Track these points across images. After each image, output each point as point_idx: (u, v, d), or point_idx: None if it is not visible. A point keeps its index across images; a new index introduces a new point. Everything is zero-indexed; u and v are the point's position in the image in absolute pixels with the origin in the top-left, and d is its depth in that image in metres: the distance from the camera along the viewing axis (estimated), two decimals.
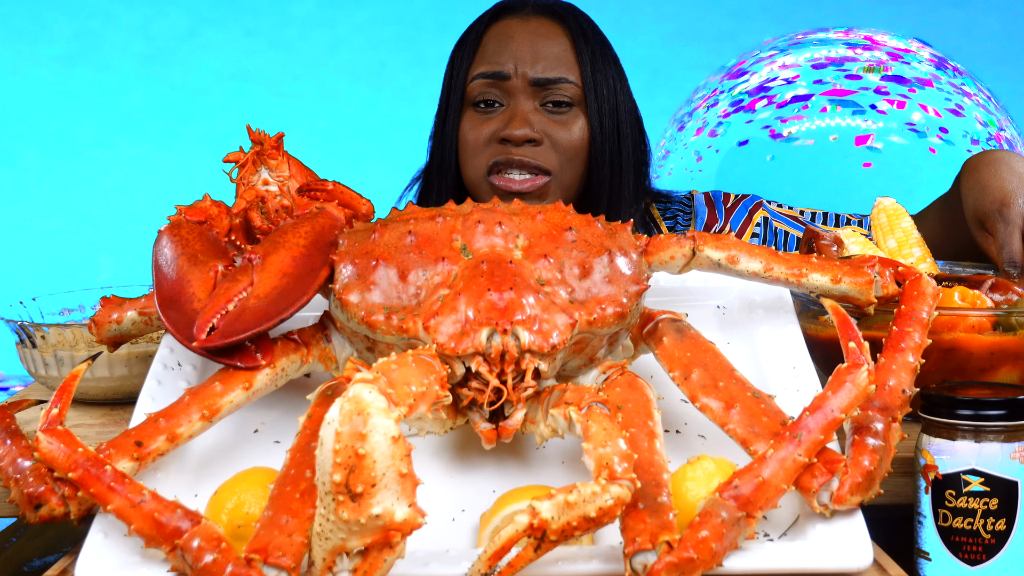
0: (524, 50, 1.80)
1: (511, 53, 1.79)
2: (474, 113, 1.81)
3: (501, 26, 1.84)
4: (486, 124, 1.80)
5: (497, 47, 1.81)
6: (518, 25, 1.83)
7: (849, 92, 2.67)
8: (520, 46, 1.80)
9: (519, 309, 1.05)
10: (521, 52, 1.80)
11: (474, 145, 1.80)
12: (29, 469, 1.05)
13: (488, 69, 1.79)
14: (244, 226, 1.30)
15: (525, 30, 1.83)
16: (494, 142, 1.79)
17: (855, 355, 1.05)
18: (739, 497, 0.97)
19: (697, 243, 1.19)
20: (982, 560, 1.06)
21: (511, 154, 1.77)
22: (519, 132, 1.76)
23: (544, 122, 1.79)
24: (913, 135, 2.64)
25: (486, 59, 1.81)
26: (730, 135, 2.74)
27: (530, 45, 1.80)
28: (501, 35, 1.83)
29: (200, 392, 1.09)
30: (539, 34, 1.82)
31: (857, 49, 2.75)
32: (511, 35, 1.82)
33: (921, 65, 2.72)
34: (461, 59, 1.84)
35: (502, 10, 1.87)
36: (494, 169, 1.79)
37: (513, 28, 1.83)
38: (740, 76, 2.81)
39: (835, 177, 2.68)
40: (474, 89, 1.80)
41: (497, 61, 1.80)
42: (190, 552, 0.93)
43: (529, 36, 1.82)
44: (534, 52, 1.80)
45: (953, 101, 2.67)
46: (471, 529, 1.07)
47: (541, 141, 1.78)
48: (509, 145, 1.77)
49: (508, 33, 1.83)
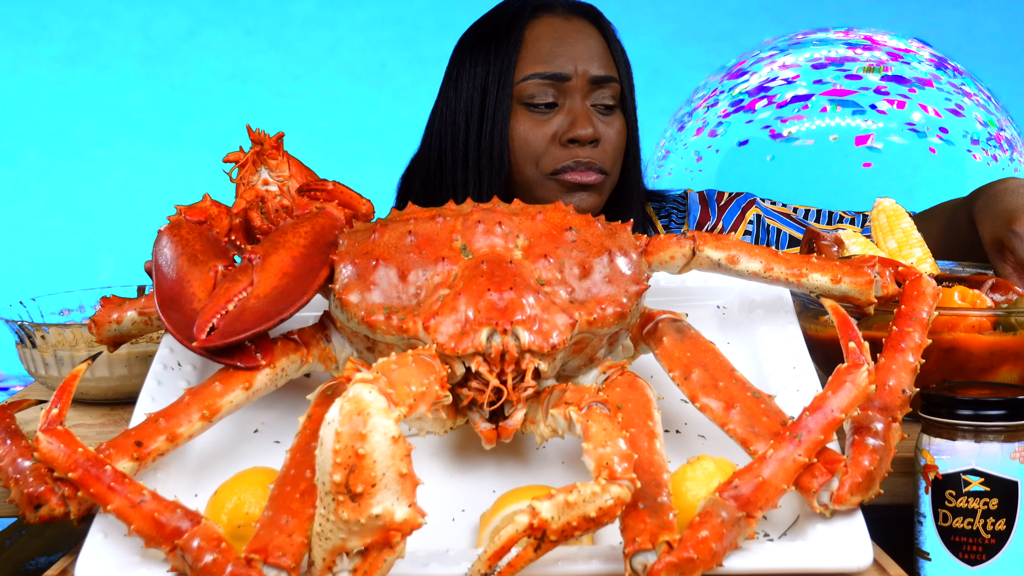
0: (580, 50, 1.79)
1: (568, 53, 1.78)
2: (527, 113, 1.79)
3: (545, 25, 1.82)
4: (543, 125, 1.78)
5: (551, 47, 1.79)
6: (563, 24, 1.82)
7: (849, 92, 2.68)
8: (575, 46, 1.79)
9: (519, 309, 1.05)
10: (577, 52, 1.79)
11: (535, 146, 1.78)
12: (29, 469, 1.05)
13: (547, 70, 1.77)
14: (244, 226, 1.30)
15: (571, 29, 1.81)
16: (555, 145, 1.78)
17: (855, 355, 1.05)
18: (739, 497, 0.97)
19: (697, 243, 1.19)
20: (982, 560, 1.06)
21: (579, 156, 1.77)
22: (586, 132, 1.76)
23: (598, 122, 1.80)
24: (913, 135, 2.64)
25: (541, 59, 1.79)
26: (730, 135, 2.74)
27: (584, 45, 1.80)
28: (551, 34, 1.80)
29: (200, 392, 1.09)
30: (585, 33, 1.81)
31: (857, 49, 2.75)
32: (563, 34, 1.80)
33: (921, 65, 2.72)
34: (499, 56, 1.80)
35: (539, 7, 1.84)
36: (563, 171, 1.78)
37: (560, 27, 1.81)
38: (740, 76, 2.81)
39: (835, 177, 2.68)
40: (528, 89, 1.78)
41: (555, 62, 1.78)
42: (190, 552, 0.93)
43: (579, 36, 1.80)
44: (588, 51, 1.79)
45: (953, 101, 2.67)
46: (471, 529, 1.07)
47: (600, 141, 1.79)
48: (575, 147, 1.77)
49: (559, 32, 1.80)
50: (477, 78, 1.81)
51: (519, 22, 1.82)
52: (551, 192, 1.80)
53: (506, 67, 1.78)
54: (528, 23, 1.82)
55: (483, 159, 1.81)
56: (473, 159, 1.81)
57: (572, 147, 1.77)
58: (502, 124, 1.78)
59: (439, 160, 1.86)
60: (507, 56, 1.79)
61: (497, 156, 1.79)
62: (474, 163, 1.81)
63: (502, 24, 1.83)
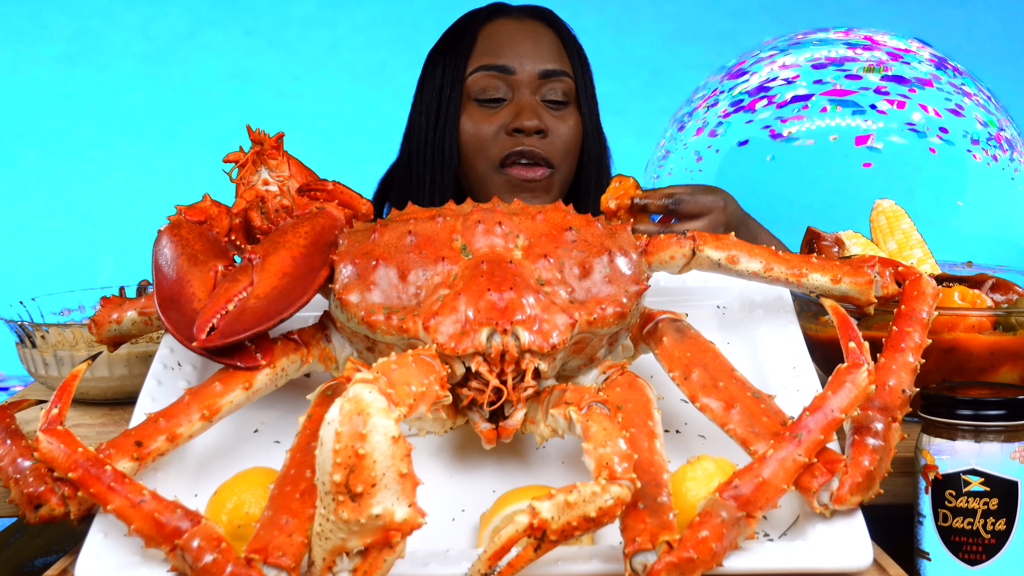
0: (527, 46, 1.86)
1: (514, 49, 1.85)
2: (477, 108, 1.85)
3: (496, 25, 1.90)
4: (492, 118, 1.84)
5: (499, 42, 1.86)
6: (514, 24, 1.90)
7: (849, 92, 2.67)
8: (522, 43, 1.86)
9: (519, 309, 1.05)
10: (524, 48, 1.86)
11: (482, 139, 1.84)
12: (29, 469, 1.05)
13: (492, 62, 1.84)
14: (244, 226, 1.30)
15: (522, 28, 1.89)
16: (502, 135, 1.84)
17: (855, 355, 1.05)
18: (739, 497, 0.97)
19: (697, 243, 1.19)
20: (982, 560, 1.06)
21: (523, 142, 1.82)
22: (531, 123, 1.82)
23: (546, 116, 1.85)
24: (913, 135, 2.64)
25: (488, 53, 1.86)
26: (730, 135, 2.74)
27: (531, 42, 1.87)
28: (500, 32, 1.88)
29: (200, 392, 1.09)
30: (536, 32, 1.89)
31: (857, 49, 2.75)
32: (510, 32, 1.87)
33: (921, 65, 2.72)
34: (454, 57, 1.88)
35: (493, 12, 1.92)
36: (507, 160, 1.83)
37: (510, 27, 1.89)
38: (740, 76, 2.81)
39: (835, 177, 2.67)
40: (476, 83, 1.84)
41: (501, 55, 1.85)
42: (190, 552, 0.93)
43: (528, 34, 1.88)
44: (536, 47, 1.86)
45: (953, 101, 2.67)
46: (471, 529, 1.07)
47: (547, 133, 1.84)
48: (520, 136, 1.83)
49: (507, 31, 1.88)
50: (435, 79, 1.88)
51: (473, 25, 1.90)
52: (500, 188, 1.85)
53: (459, 66, 1.86)
54: (482, 26, 1.90)
55: (435, 155, 1.87)
56: (427, 156, 1.88)
57: (518, 137, 1.83)
58: (453, 119, 1.85)
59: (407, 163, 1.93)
60: (461, 56, 1.87)
61: (449, 151, 1.85)
62: (428, 160, 1.88)
63: (459, 29, 1.92)
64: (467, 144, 1.86)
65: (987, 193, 2.69)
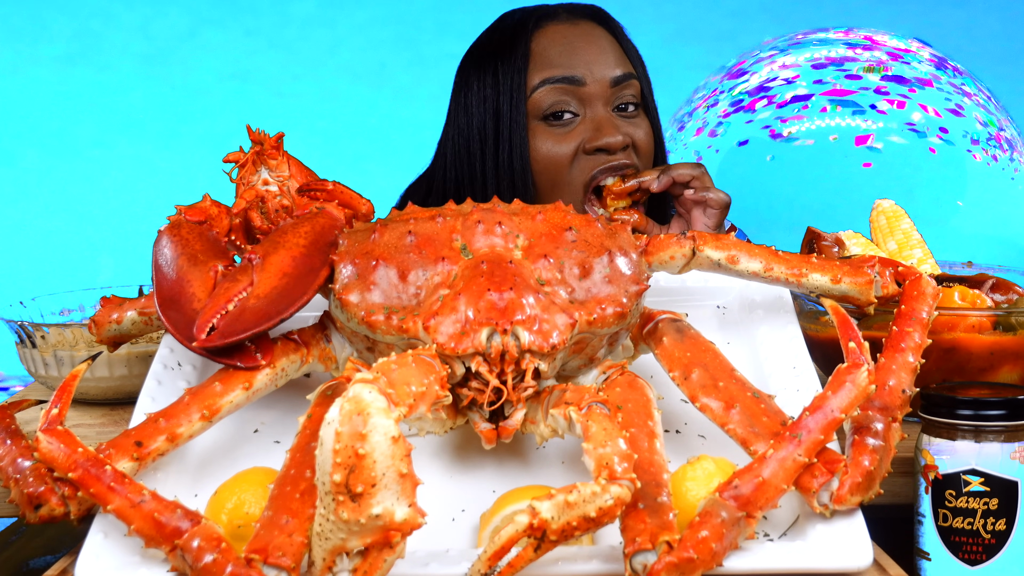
0: (592, 53, 1.69)
1: (578, 56, 1.68)
2: (548, 129, 1.68)
3: (549, 32, 1.72)
4: (566, 138, 1.68)
5: (559, 51, 1.69)
6: (570, 30, 1.72)
7: (849, 92, 2.68)
8: (585, 49, 1.69)
9: (519, 309, 1.05)
10: (590, 55, 1.69)
11: (559, 164, 1.68)
12: (29, 469, 1.05)
13: (558, 73, 1.67)
14: (244, 226, 1.30)
15: (580, 33, 1.72)
16: (582, 156, 1.68)
17: (855, 355, 1.05)
18: (739, 497, 0.97)
19: (697, 243, 1.19)
20: (982, 560, 1.06)
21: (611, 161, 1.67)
22: (615, 139, 1.66)
23: (624, 125, 1.70)
24: (913, 135, 2.64)
25: (550, 64, 1.69)
26: (730, 135, 2.74)
27: (595, 47, 1.70)
28: (556, 40, 1.71)
29: (200, 392, 1.09)
30: (595, 35, 1.72)
31: (857, 49, 2.75)
32: (568, 39, 1.70)
33: (921, 65, 2.72)
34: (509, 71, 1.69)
35: (542, 16, 1.75)
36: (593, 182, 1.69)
37: (567, 33, 1.72)
38: (740, 76, 2.81)
39: (835, 177, 2.68)
40: (543, 99, 1.67)
41: (567, 65, 1.68)
42: (190, 552, 0.93)
43: (588, 39, 1.71)
44: (601, 53, 1.70)
45: (953, 101, 2.67)
46: (471, 529, 1.07)
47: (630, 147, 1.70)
48: (603, 155, 1.68)
49: (564, 37, 1.71)
50: (487, 100, 1.70)
51: (523, 35, 1.72)
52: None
53: (517, 83, 1.67)
54: (533, 34, 1.72)
55: (503, 184, 1.70)
56: (492, 186, 1.70)
57: (600, 156, 1.68)
58: (521, 145, 1.67)
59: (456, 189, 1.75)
60: (516, 71, 1.68)
61: (520, 179, 1.68)
62: (494, 189, 1.70)
63: (506, 39, 1.73)
64: (542, 172, 1.68)
65: (987, 193, 2.69)
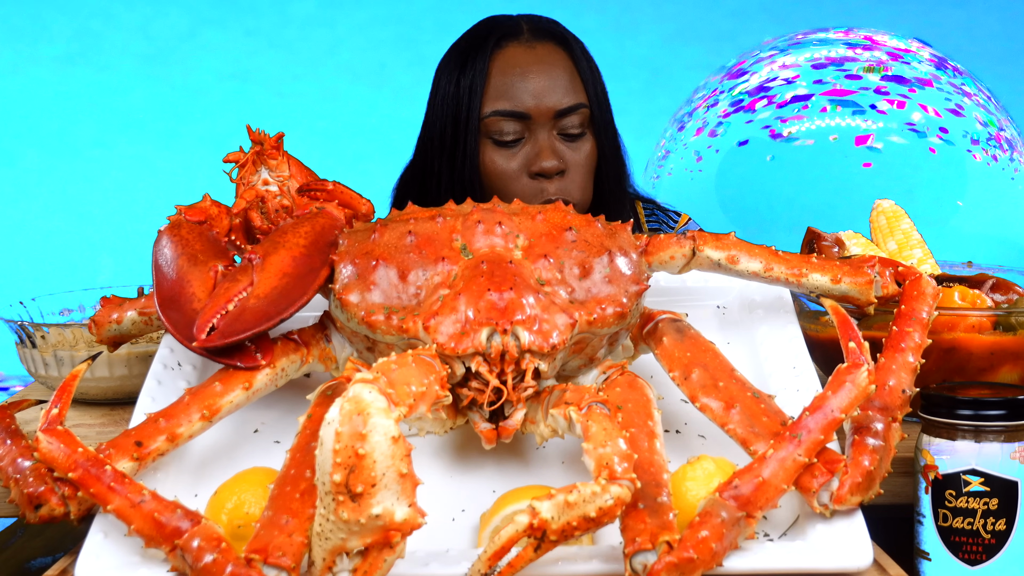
0: (542, 85, 1.81)
1: (529, 90, 1.80)
2: (496, 147, 1.82)
3: (509, 55, 1.83)
4: (512, 158, 1.81)
5: (513, 83, 1.81)
6: (526, 54, 1.83)
7: (849, 92, 2.68)
8: (537, 81, 1.81)
9: (519, 309, 1.05)
10: (539, 88, 1.80)
11: (504, 179, 1.82)
12: (29, 469, 1.05)
13: (509, 107, 1.80)
14: (244, 226, 1.30)
15: (533, 59, 1.83)
16: (524, 176, 1.81)
17: (855, 355, 1.05)
18: (739, 497, 0.97)
19: (697, 243, 1.19)
20: (982, 560, 1.06)
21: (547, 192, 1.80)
22: (550, 164, 1.79)
23: (563, 150, 1.82)
24: (913, 135, 2.64)
25: (504, 96, 1.81)
26: (730, 135, 2.74)
27: (546, 78, 1.81)
28: (512, 67, 1.82)
29: (200, 392, 1.09)
30: (548, 63, 1.83)
31: (857, 49, 2.76)
32: (524, 68, 1.82)
33: (921, 65, 2.72)
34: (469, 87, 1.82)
35: (503, 36, 1.86)
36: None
37: (522, 58, 1.83)
38: (740, 76, 2.82)
39: (835, 177, 2.68)
40: (492, 124, 1.80)
41: (517, 99, 1.80)
42: (190, 552, 0.93)
43: (541, 67, 1.82)
44: (551, 84, 1.81)
45: (953, 101, 2.68)
46: (471, 529, 1.07)
47: (567, 171, 1.82)
48: (543, 180, 1.80)
49: (520, 64, 1.82)
50: (448, 104, 1.84)
51: (484, 52, 1.84)
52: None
53: (473, 101, 1.81)
54: (493, 54, 1.84)
55: (456, 186, 1.85)
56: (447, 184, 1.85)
57: (540, 180, 1.81)
58: (472, 156, 1.82)
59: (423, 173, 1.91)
60: (474, 89, 1.82)
61: (470, 185, 1.83)
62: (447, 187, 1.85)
63: (472, 49, 1.86)
64: (490, 182, 1.83)
65: (987, 193, 2.69)
